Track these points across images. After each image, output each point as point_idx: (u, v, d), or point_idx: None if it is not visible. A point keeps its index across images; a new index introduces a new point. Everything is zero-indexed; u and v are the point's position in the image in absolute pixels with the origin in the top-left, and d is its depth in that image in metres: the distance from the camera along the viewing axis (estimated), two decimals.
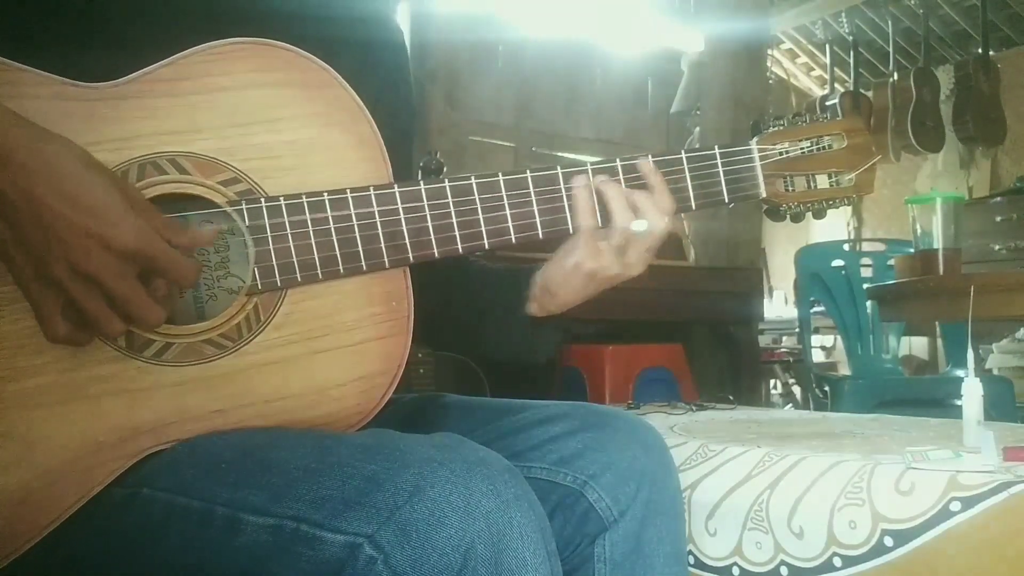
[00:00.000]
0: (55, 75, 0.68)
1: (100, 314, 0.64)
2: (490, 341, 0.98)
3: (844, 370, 3.97)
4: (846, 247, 3.11)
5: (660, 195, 0.82)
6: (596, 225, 0.82)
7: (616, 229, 0.82)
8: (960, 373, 2.58)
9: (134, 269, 0.64)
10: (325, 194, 0.73)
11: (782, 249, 5.36)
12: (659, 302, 2.49)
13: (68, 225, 0.61)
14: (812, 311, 2.89)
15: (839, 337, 2.96)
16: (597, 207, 0.81)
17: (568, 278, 0.86)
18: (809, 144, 0.86)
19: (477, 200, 0.78)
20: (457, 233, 0.77)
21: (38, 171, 0.61)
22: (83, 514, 0.68)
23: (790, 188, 0.87)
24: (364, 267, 0.74)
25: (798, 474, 0.99)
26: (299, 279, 0.73)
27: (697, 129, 4.04)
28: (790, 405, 4.51)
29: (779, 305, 5.27)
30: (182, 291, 0.70)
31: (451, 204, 0.77)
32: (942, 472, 0.88)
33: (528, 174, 0.80)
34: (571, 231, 0.82)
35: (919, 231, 1.83)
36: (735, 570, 1.03)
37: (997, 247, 4.43)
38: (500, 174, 0.79)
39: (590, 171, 0.81)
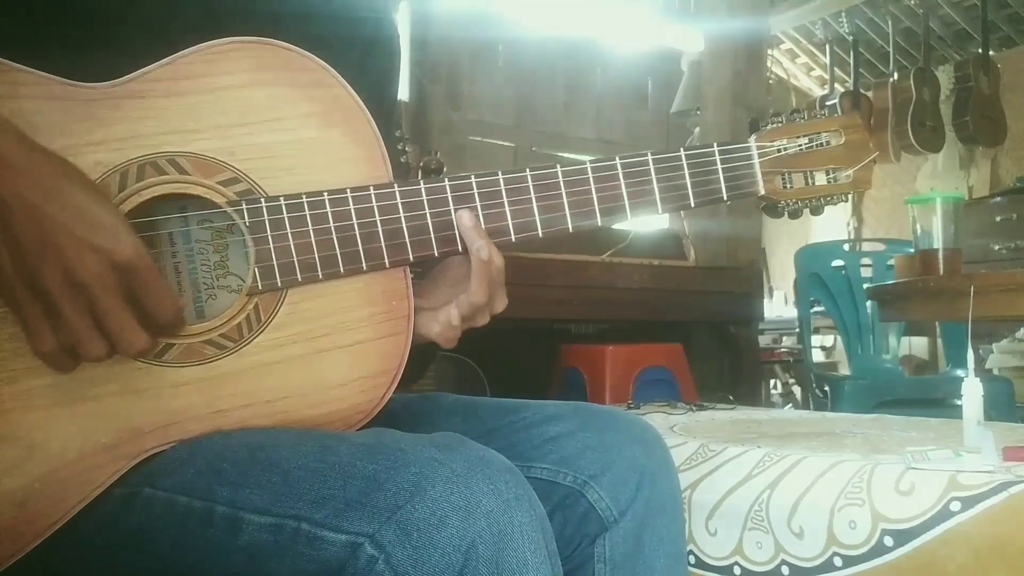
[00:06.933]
0: (54, 76, 0.68)
1: (84, 332, 0.63)
2: None
3: (844, 370, 3.97)
4: (846, 247, 3.11)
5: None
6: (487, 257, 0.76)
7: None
8: (960, 373, 2.58)
9: (125, 287, 0.63)
10: (325, 194, 0.73)
11: (782, 249, 5.36)
12: (659, 302, 2.48)
13: (68, 234, 0.61)
14: (812, 311, 2.89)
15: (839, 337, 2.96)
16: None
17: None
18: (807, 141, 0.86)
19: (477, 199, 0.78)
20: (457, 232, 0.77)
21: (36, 180, 0.61)
22: (84, 514, 0.68)
23: (788, 185, 0.87)
24: (364, 267, 0.74)
25: (798, 474, 0.99)
26: (299, 279, 0.73)
27: (697, 129, 4.04)
28: (790, 405, 4.51)
29: (779, 305, 5.27)
30: (158, 331, 0.67)
31: (451, 203, 0.77)
32: (942, 472, 0.88)
33: (528, 173, 0.80)
34: (457, 254, 0.77)
35: (919, 231, 1.83)
36: (736, 569, 1.03)
37: (997, 247, 4.43)
38: (500, 173, 0.79)
39: (589, 171, 0.81)
